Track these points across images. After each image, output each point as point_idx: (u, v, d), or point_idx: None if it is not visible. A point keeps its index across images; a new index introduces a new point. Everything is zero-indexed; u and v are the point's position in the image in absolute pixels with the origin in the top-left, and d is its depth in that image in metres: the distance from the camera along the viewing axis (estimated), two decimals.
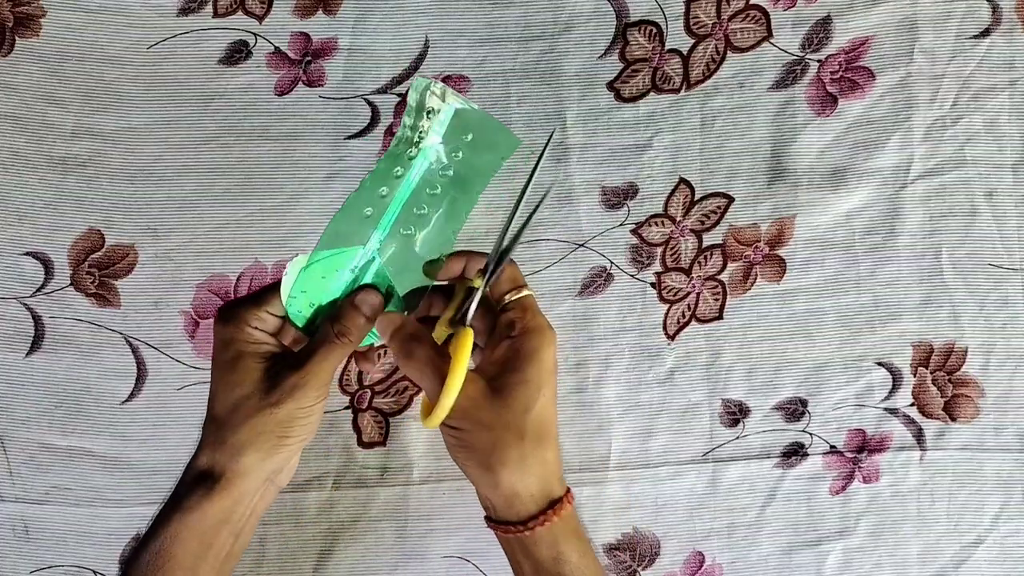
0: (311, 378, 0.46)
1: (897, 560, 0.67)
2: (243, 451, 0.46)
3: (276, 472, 0.48)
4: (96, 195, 0.65)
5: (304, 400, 0.46)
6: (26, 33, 0.65)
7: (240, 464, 0.46)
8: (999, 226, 0.68)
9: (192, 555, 0.45)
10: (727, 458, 0.67)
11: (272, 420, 0.46)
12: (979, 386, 0.68)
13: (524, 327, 0.48)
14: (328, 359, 0.47)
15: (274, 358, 0.48)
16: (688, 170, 0.67)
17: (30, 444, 0.65)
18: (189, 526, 0.45)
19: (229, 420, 0.46)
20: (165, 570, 0.45)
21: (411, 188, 0.50)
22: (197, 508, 0.45)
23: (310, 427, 0.47)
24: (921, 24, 0.67)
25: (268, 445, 0.46)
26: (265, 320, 0.49)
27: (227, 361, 0.47)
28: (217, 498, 0.45)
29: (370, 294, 0.49)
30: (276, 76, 0.66)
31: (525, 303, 0.49)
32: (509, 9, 0.67)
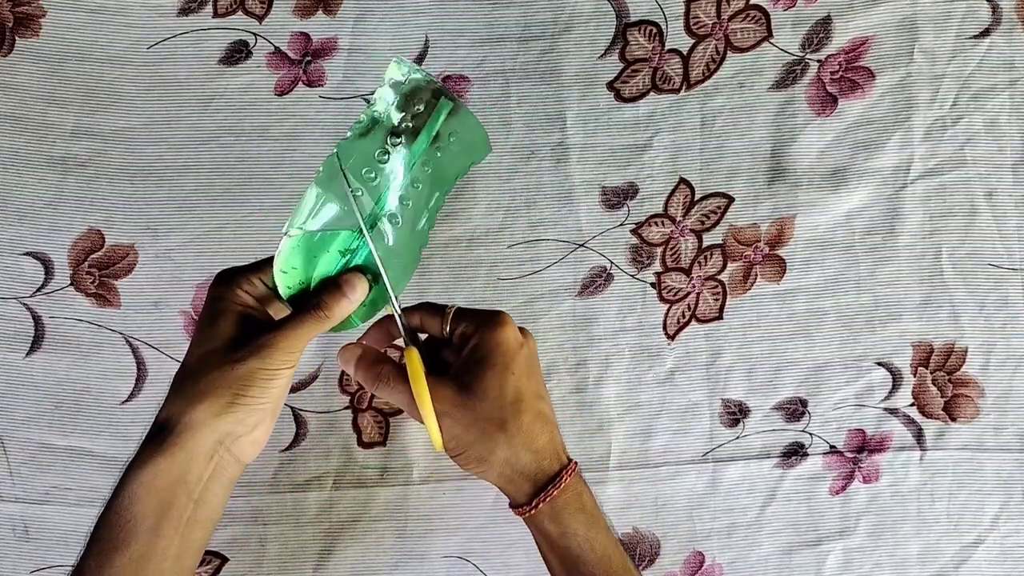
0: (280, 340, 0.46)
1: (897, 560, 0.67)
2: (197, 402, 0.45)
3: (231, 436, 0.46)
4: (96, 195, 0.65)
5: (268, 361, 0.46)
6: (26, 33, 0.65)
7: (192, 416, 0.45)
8: (999, 226, 0.68)
9: (153, 514, 0.44)
10: (727, 458, 0.67)
11: (232, 375, 0.45)
12: (979, 386, 0.68)
13: (471, 330, 0.50)
14: (301, 328, 0.47)
15: (253, 320, 0.48)
16: (688, 170, 0.67)
17: (30, 444, 0.65)
18: (145, 484, 0.45)
19: (192, 370, 0.46)
20: (127, 530, 0.44)
21: (405, 179, 0.50)
22: (151, 463, 0.45)
23: (270, 393, 0.46)
24: (921, 24, 0.67)
25: (223, 400, 0.45)
26: (255, 285, 0.49)
27: (208, 316, 0.48)
28: (168, 452, 0.45)
29: (356, 277, 0.50)
30: (276, 76, 0.66)
31: (462, 315, 0.51)
32: (509, 9, 0.67)
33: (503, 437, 0.47)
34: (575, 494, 0.49)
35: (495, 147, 0.66)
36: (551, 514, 0.48)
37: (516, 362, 0.49)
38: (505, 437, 0.47)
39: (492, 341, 0.48)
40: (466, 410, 0.48)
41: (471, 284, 0.66)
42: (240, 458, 0.47)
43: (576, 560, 0.48)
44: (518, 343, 0.49)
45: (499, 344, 0.48)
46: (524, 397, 0.48)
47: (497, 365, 0.48)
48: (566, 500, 0.48)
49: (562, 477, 0.48)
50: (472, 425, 0.48)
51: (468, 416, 0.48)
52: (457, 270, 0.66)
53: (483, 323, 0.49)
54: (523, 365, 0.49)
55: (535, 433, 0.48)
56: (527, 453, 0.48)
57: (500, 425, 0.47)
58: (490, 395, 0.48)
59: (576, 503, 0.49)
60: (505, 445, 0.48)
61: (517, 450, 0.48)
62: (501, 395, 0.48)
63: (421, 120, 0.49)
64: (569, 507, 0.48)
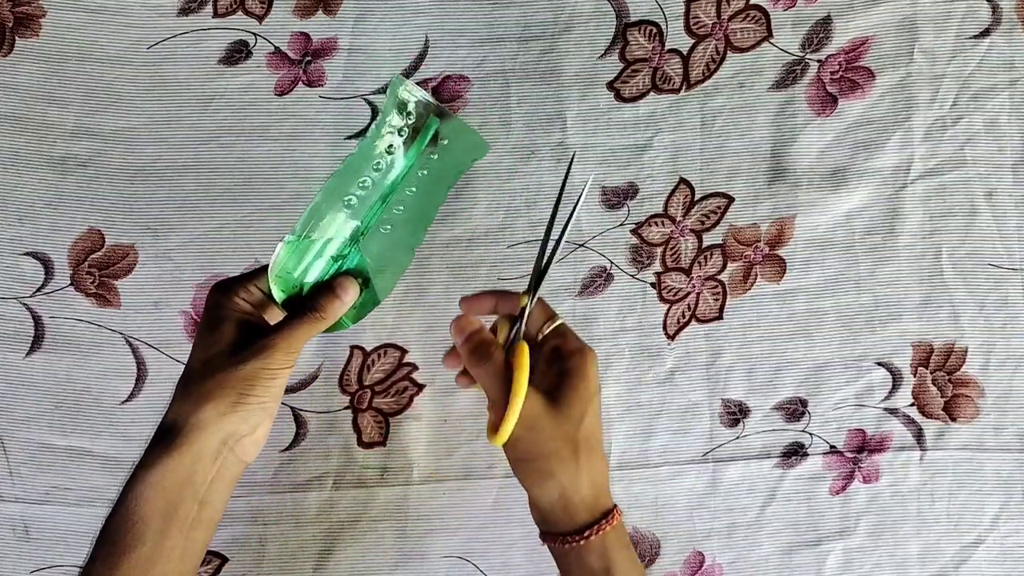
0: (279, 341, 0.48)
1: (897, 560, 0.67)
2: (203, 403, 0.46)
3: (234, 436, 0.48)
4: (96, 195, 0.65)
5: (269, 361, 0.47)
6: (26, 33, 0.65)
7: (198, 417, 0.46)
8: (999, 226, 0.68)
9: (160, 515, 0.46)
10: (727, 458, 0.67)
11: (236, 376, 0.47)
12: (979, 386, 0.68)
13: (568, 350, 0.51)
14: (299, 328, 0.49)
15: (251, 325, 0.50)
16: (688, 170, 0.67)
17: (30, 444, 0.65)
18: (153, 484, 0.46)
19: (197, 374, 0.48)
20: (134, 532, 0.45)
21: (393, 186, 0.52)
22: (159, 464, 0.46)
23: (271, 392, 0.48)
24: (921, 24, 0.67)
25: (228, 400, 0.47)
26: (252, 293, 0.51)
27: (208, 323, 0.49)
28: (176, 453, 0.46)
29: (348, 280, 0.52)
30: (276, 76, 0.66)
31: (561, 331, 0.52)
32: (509, 9, 0.67)
33: (574, 462, 0.49)
34: (622, 532, 0.50)
35: (495, 147, 0.67)
36: (600, 549, 0.49)
37: (595, 400, 0.50)
38: (576, 463, 0.49)
39: (583, 372, 0.50)
40: (549, 421, 0.48)
41: (471, 284, 0.66)
42: (242, 458, 0.49)
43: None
44: (598, 383, 0.51)
45: (588, 377, 0.50)
46: (596, 433, 0.50)
47: (582, 396, 0.49)
48: (616, 537, 0.49)
49: (613, 512, 0.49)
50: (552, 439, 0.48)
51: (548, 426, 0.48)
52: (457, 270, 0.66)
53: (579, 348, 0.51)
54: (597, 405, 0.51)
55: (600, 468, 0.50)
56: (589, 485, 0.49)
57: (575, 449, 0.49)
58: (572, 418, 0.49)
59: (622, 540, 0.50)
60: (574, 470, 0.49)
61: (583, 479, 0.49)
62: (579, 423, 0.49)
63: (414, 132, 0.51)
64: (618, 544, 0.49)
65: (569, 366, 0.50)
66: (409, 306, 0.66)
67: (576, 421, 0.49)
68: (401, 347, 0.66)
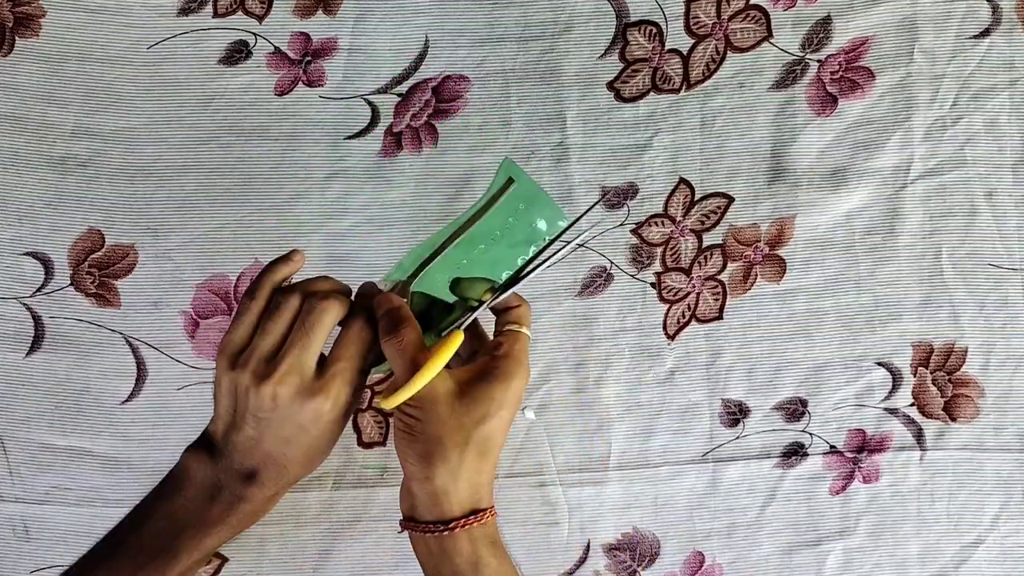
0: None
1: (897, 560, 0.67)
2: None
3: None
4: (96, 195, 0.65)
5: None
6: (26, 33, 0.65)
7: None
8: (999, 226, 0.68)
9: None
10: (727, 458, 0.67)
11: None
12: (979, 386, 0.68)
13: (507, 352, 0.50)
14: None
15: None
16: (688, 170, 0.67)
17: (30, 444, 0.65)
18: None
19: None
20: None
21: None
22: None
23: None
24: (921, 24, 0.67)
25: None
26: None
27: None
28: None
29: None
30: (276, 76, 0.66)
31: (519, 337, 0.51)
32: (509, 9, 0.67)
33: (458, 456, 0.47)
34: (494, 532, 0.49)
35: (495, 147, 0.67)
36: (467, 543, 0.48)
37: (508, 411, 0.49)
38: (460, 458, 0.47)
39: (508, 380, 0.49)
40: (448, 409, 0.47)
41: None
42: None
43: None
44: (519, 397, 0.50)
45: (510, 388, 0.49)
46: (493, 440, 0.49)
47: (495, 400, 0.48)
48: (485, 534, 0.48)
49: (487, 512, 0.48)
50: (441, 424, 0.47)
51: (446, 413, 0.47)
52: None
53: (515, 359, 0.50)
54: (508, 419, 0.50)
55: (485, 472, 0.49)
56: (468, 483, 0.48)
57: (464, 443, 0.47)
58: (473, 415, 0.48)
59: (493, 539, 0.49)
60: (456, 462, 0.47)
61: (462, 474, 0.48)
62: (480, 423, 0.48)
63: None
64: (486, 541, 0.48)
65: (499, 367, 0.49)
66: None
67: (478, 419, 0.48)
68: None
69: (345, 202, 0.66)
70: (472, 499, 0.48)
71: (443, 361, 0.47)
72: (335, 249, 0.66)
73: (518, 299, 0.53)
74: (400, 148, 0.66)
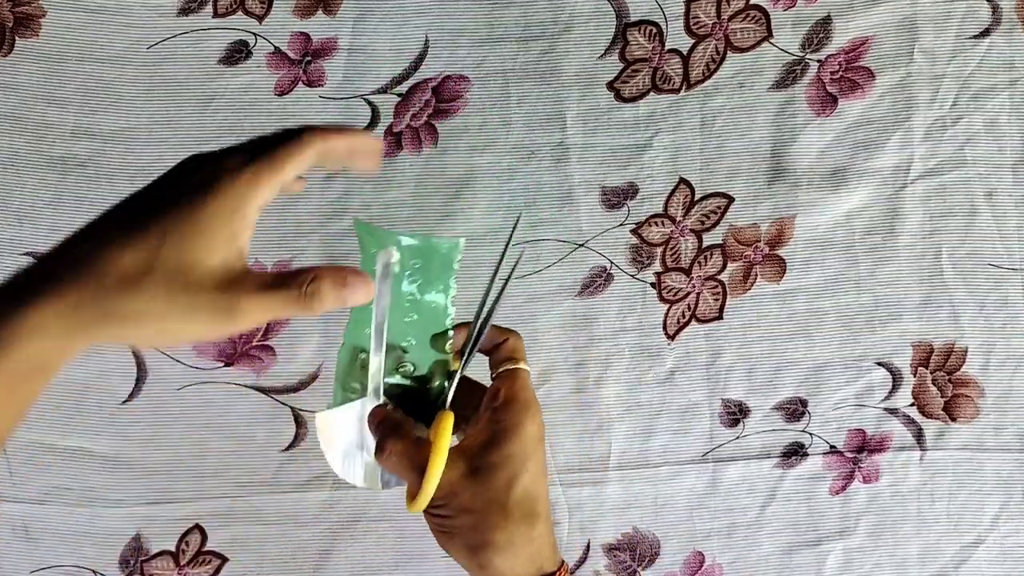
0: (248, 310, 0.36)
1: (897, 560, 0.67)
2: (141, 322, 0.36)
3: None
4: (96, 195, 0.65)
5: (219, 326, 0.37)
6: (26, 33, 0.65)
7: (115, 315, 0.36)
8: (999, 226, 0.68)
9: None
10: (727, 458, 0.67)
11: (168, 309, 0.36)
12: (979, 386, 0.68)
13: (507, 398, 0.46)
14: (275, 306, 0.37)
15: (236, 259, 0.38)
16: (688, 170, 0.67)
17: (30, 444, 0.65)
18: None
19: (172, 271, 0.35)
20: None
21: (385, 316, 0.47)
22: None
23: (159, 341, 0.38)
24: (921, 24, 0.67)
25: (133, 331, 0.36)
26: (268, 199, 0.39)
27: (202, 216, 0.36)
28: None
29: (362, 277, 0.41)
30: (276, 76, 0.66)
31: (516, 375, 0.47)
32: (509, 9, 0.67)
33: (502, 535, 0.43)
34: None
35: (495, 147, 0.67)
36: None
37: (534, 459, 0.45)
38: (505, 535, 0.43)
39: (518, 429, 0.45)
40: (471, 492, 0.44)
41: (471, 284, 0.66)
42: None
43: None
44: (539, 440, 0.46)
45: (524, 436, 0.45)
46: (534, 496, 0.45)
47: (514, 456, 0.44)
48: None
49: (556, 572, 0.45)
50: (472, 510, 0.44)
51: (471, 498, 0.44)
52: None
53: (516, 403, 0.46)
54: (540, 464, 0.45)
55: (535, 537, 0.44)
56: (524, 557, 0.44)
57: (502, 518, 0.43)
58: (498, 486, 0.44)
59: None
60: (504, 543, 0.43)
61: (515, 551, 0.43)
62: (510, 489, 0.44)
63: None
64: None
65: (505, 420, 0.45)
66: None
67: (504, 488, 0.43)
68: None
69: (345, 202, 0.66)
70: (536, 567, 0.44)
71: (443, 451, 0.44)
72: (335, 249, 0.66)
73: (503, 333, 0.49)
74: (400, 148, 0.66)
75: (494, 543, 0.43)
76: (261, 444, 0.65)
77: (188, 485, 0.65)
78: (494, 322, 0.49)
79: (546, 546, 0.45)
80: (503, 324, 0.51)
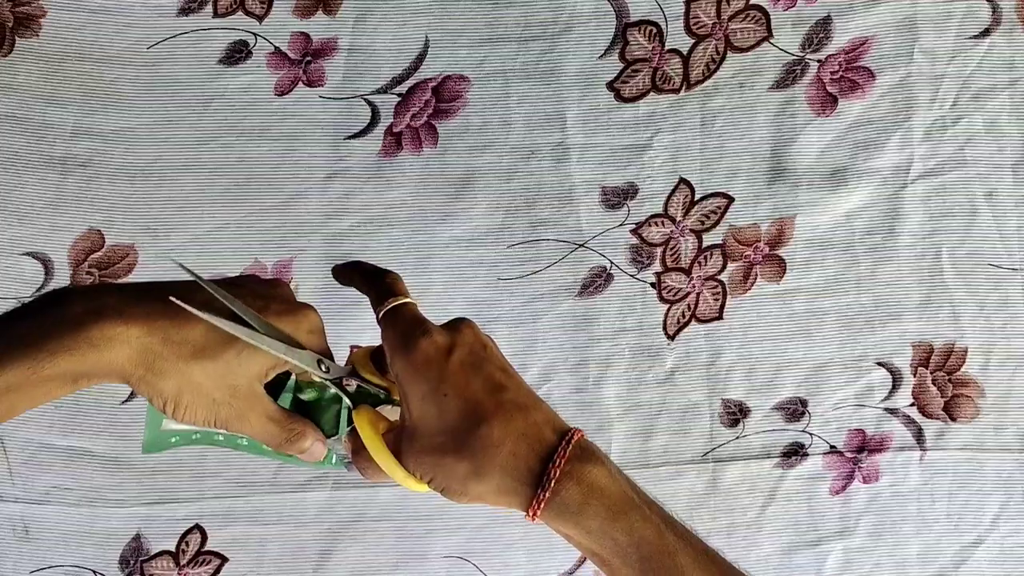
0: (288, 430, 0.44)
1: (897, 560, 0.67)
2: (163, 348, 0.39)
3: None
4: (96, 195, 0.65)
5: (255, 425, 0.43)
6: (26, 33, 0.65)
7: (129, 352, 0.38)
8: (999, 226, 0.68)
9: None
10: (727, 458, 0.67)
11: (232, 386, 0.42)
12: (979, 386, 0.68)
13: (389, 348, 0.44)
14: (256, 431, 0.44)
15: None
16: (688, 170, 0.67)
17: (30, 444, 0.65)
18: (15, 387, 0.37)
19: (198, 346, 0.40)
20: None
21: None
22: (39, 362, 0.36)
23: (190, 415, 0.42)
24: (921, 24, 0.67)
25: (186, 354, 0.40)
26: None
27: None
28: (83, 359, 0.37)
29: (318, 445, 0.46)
30: (276, 76, 0.66)
31: (393, 314, 0.45)
32: (509, 9, 0.67)
33: (466, 465, 0.41)
34: (577, 483, 0.40)
35: (495, 147, 0.67)
36: (557, 517, 0.41)
37: (445, 378, 0.42)
38: (468, 464, 0.41)
39: (409, 369, 0.43)
40: (425, 452, 0.42)
41: (471, 284, 0.66)
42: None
43: (600, 556, 0.41)
44: (441, 354, 0.43)
45: (417, 369, 0.42)
46: (472, 407, 0.42)
47: (424, 396, 0.42)
48: (567, 496, 0.40)
49: (549, 475, 0.40)
50: (437, 464, 0.42)
51: (429, 456, 0.42)
52: (457, 270, 0.66)
53: (394, 347, 0.44)
54: (458, 374, 0.42)
55: (500, 439, 0.41)
56: (499, 468, 0.41)
57: (456, 455, 0.41)
58: (430, 431, 0.42)
59: (580, 494, 0.40)
60: (473, 473, 0.41)
61: (488, 471, 0.41)
62: (444, 422, 0.42)
63: None
64: (572, 503, 0.40)
65: (399, 374, 0.43)
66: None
67: (436, 430, 0.41)
68: None
69: (345, 202, 0.66)
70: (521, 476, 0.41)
71: (376, 445, 0.43)
72: (335, 249, 0.66)
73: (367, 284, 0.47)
74: (400, 148, 0.66)
75: (467, 476, 0.41)
76: None
77: (188, 485, 0.65)
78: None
79: (521, 440, 0.41)
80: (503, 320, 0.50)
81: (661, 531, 0.40)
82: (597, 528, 0.40)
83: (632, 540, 0.40)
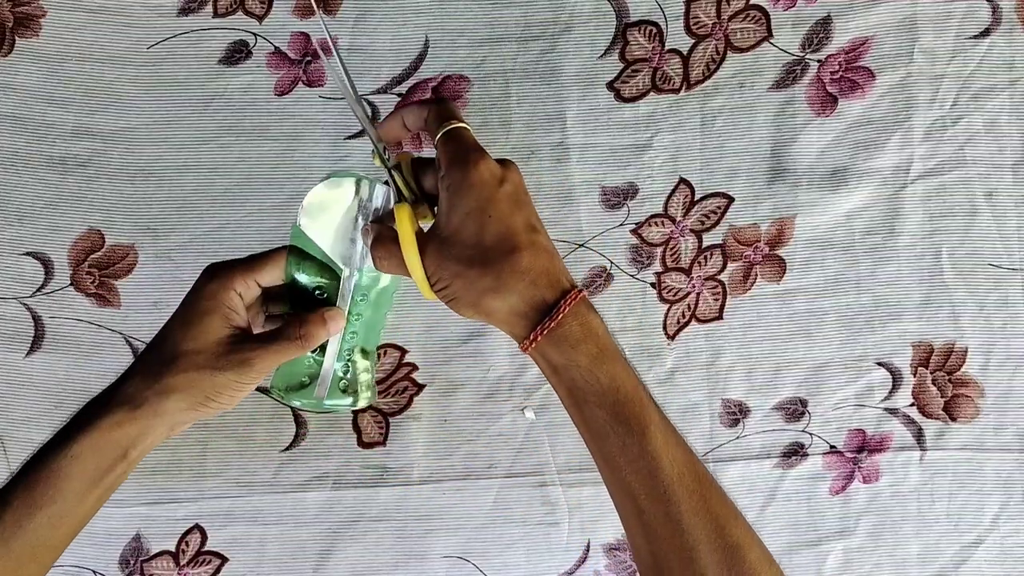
0: (259, 362, 0.48)
1: (897, 560, 0.67)
2: (170, 394, 0.47)
3: (180, 424, 0.49)
4: (96, 195, 0.65)
5: (245, 376, 0.48)
6: (26, 33, 0.65)
7: (161, 405, 0.47)
8: (999, 226, 0.68)
9: (87, 479, 0.47)
10: (727, 458, 0.67)
11: (210, 381, 0.48)
12: (979, 386, 0.68)
13: (447, 160, 0.47)
14: (280, 352, 0.49)
15: (238, 327, 0.50)
16: (688, 170, 0.67)
17: (30, 444, 0.65)
18: (92, 448, 0.47)
19: (174, 364, 0.48)
20: (58, 488, 0.47)
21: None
22: (105, 430, 0.47)
23: (232, 402, 0.49)
24: (921, 24, 0.67)
25: (194, 400, 0.48)
26: (250, 288, 0.51)
27: (196, 312, 0.49)
28: (127, 426, 0.47)
29: (338, 312, 0.52)
30: (276, 76, 0.66)
31: (451, 135, 0.48)
32: (509, 9, 0.67)
33: (488, 280, 0.45)
34: (579, 323, 0.45)
35: (495, 147, 0.67)
36: (554, 346, 0.45)
37: (494, 201, 0.46)
38: (491, 280, 0.45)
39: (463, 185, 0.46)
40: (449, 259, 0.46)
41: None
42: (170, 437, 0.50)
43: (580, 391, 0.46)
44: (495, 181, 0.46)
45: (471, 187, 0.46)
46: (509, 235, 0.46)
47: (471, 211, 0.46)
48: (568, 330, 0.45)
49: (560, 308, 0.45)
50: (457, 274, 0.46)
51: (452, 264, 0.46)
52: None
53: (454, 161, 0.47)
54: (504, 203, 0.46)
55: (526, 268, 0.45)
56: (517, 292, 0.45)
57: (482, 269, 0.45)
58: (466, 243, 0.45)
59: (580, 332, 0.45)
60: (492, 289, 0.45)
61: (507, 290, 0.45)
62: (479, 240, 0.45)
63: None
64: (571, 337, 0.45)
65: (451, 185, 0.46)
66: (409, 306, 0.66)
67: (472, 240, 0.45)
68: (401, 347, 0.66)
69: None
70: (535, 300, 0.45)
71: (409, 240, 0.47)
72: None
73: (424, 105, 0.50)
74: (400, 148, 0.66)
75: (486, 289, 0.45)
76: (261, 444, 0.65)
77: (188, 485, 0.65)
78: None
79: (543, 275, 0.46)
80: None
81: (637, 385, 0.46)
82: (585, 365, 0.45)
83: (613, 385, 0.45)
